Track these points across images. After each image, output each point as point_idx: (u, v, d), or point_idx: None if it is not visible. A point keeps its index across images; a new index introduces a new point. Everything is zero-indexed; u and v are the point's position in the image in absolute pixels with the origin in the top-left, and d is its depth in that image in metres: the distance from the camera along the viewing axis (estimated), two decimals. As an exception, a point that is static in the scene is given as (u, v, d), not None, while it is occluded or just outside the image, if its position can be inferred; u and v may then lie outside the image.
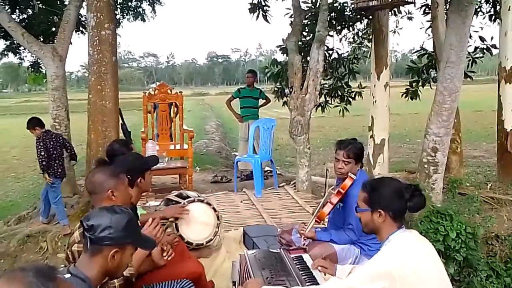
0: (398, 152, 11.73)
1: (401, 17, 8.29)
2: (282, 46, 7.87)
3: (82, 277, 1.82)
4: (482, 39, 7.37)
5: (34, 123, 5.68)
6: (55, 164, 5.68)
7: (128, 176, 2.85)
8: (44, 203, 5.86)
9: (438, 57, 6.61)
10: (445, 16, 6.53)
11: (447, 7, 6.76)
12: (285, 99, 8.26)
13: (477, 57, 7.43)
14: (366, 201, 2.36)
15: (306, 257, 3.11)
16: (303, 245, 3.40)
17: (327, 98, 8.26)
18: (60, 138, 5.84)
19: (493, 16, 7.99)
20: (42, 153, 5.54)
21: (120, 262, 1.90)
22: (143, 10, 10.11)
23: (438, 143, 5.72)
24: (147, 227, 2.67)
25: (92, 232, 1.85)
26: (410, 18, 8.39)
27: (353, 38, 8.42)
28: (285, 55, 8.04)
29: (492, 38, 7.39)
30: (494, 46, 7.30)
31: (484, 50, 7.45)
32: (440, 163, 5.80)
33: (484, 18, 8.06)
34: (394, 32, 8.42)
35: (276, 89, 8.26)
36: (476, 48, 7.47)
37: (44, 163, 5.56)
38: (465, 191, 6.56)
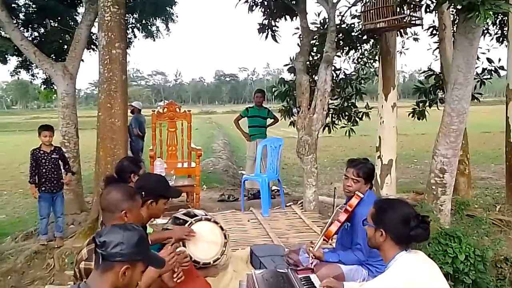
0: (405, 172, 11.68)
1: (407, 38, 8.33)
2: (289, 66, 7.91)
3: (93, 294, 1.82)
4: (489, 60, 7.39)
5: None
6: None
7: (142, 193, 2.85)
8: (46, 219, 5.79)
9: (446, 79, 6.63)
10: (453, 38, 6.57)
11: (455, 29, 6.81)
12: (292, 118, 8.28)
13: (485, 79, 7.43)
14: (373, 217, 2.42)
15: (313, 277, 3.10)
16: (311, 263, 3.39)
17: (334, 119, 8.25)
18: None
19: (501, 38, 8.02)
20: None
21: (130, 280, 1.91)
22: (157, 27, 10.16)
23: (446, 165, 5.70)
24: (163, 252, 2.68)
25: (104, 248, 1.86)
26: (416, 39, 8.43)
27: (357, 59, 8.43)
28: (292, 74, 8.08)
29: (499, 60, 7.43)
30: (502, 68, 7.32)
31: (492, 72, 7.47)
32: (448, 185, 5.78)
33: (492, 39, 8.10)
34: (401, 53, 8.48)
35: (283, 107, 8.29)
36: (484, 69, 7.48)
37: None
38: (473, 213, 6.52)
